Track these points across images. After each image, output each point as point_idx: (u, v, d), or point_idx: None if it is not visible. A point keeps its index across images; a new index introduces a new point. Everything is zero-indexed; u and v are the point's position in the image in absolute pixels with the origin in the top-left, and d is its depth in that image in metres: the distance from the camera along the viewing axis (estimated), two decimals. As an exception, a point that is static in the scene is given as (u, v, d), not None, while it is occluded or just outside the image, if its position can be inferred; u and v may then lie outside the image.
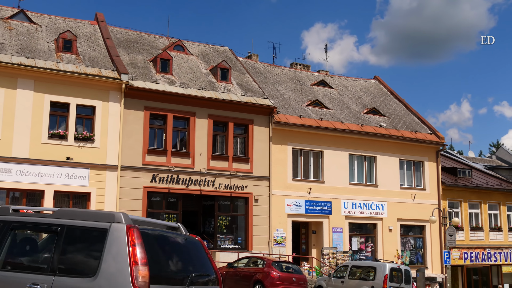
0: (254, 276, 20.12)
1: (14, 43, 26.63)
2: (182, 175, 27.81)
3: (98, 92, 26.58)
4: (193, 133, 28.45)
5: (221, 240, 28.80)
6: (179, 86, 28.91)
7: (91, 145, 26.05)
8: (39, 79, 25.44)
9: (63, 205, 25.38)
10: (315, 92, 36.33)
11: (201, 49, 35.05)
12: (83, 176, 25.62)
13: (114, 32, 32.42)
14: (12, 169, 24.34)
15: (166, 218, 27.71)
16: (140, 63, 29.97)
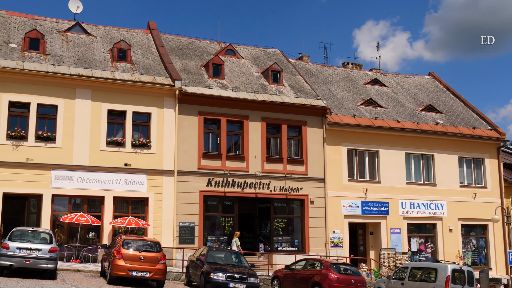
0: (312, 279, 19.98)
1: (71, 55, 27.46)
2: (237, 179, 27.97)
3: (153, 99, 27.09)
4: (247, 136, 28.59)
5: (277, 242, 28.78)
6: (231, 90, 29.12)
7: (148, 151, 26.55)
8: (96, 88, 26.14)
9: (122, 210, 25.98)
10: (368, 91, 35.87)
11: (252, 52, 35.20)
12: (141, 182, 26.14)
13: (166, 39, 32.97)
14: (73, 177, 25.08)
15: (222, 221, 27.93)
16: (193, 69, 30.36)
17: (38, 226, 23.99)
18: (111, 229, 25.45)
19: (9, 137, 24.39)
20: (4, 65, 24.70)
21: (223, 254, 20.89)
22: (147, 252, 18.77)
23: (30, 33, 26.91)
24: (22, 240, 18.38)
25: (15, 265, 17.85)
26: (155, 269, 18.56)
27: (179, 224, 26.49)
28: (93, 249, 24.67)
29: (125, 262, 18.32)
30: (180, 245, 26.07)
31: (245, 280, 18.87)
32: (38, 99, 25.10)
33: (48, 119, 25.36)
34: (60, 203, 25.25)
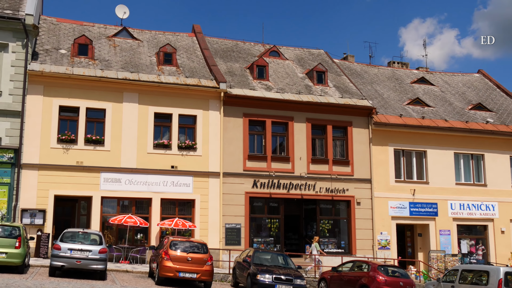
0: (359, 281, 19.75)
1: (118, 59, 27.99)
2: (283, 180, 27.94)
3: (198, 102, 27.33)
4: (292, 138, 28.53)
5: (324, 244, 28.59)
6: (276, 91, 29.12)
7: (194, 153, 26.81)
8: (143, 92, 26.56)
9: (169, 212, 26.30)
10: (415, 90, 35.27)
11: (296, 53, 35.12)
12: (187, 184, 26.41)
13: (211, 42, 33.23)
14: (122, 179, 25.54)
15: (268, 222, 27.94)
16: (237, 71, 30.50)
17: (88, 228, 24.53)
18: (158, 231, 25.80)
19: (60, 141, 25.02)
20: (54, 70, 25.37)
21: (270, 256, 20.88)
22: (194, 254, 18.93)
23: (79, 39, 27.55)
24: (73, 242, 18.80)
25: (67, 266, 18.27)
26: (202, 270, 18.70)
27: (225, 225, 26.63)
28: (141, 250, 25.04)
29: (173, 263, 18.52)
30: (227, 246, 26.20)
31: (291, 282, 18.80)
32: (87, 103, 25.67)
33: (97, 123, 25.90)
34: (109, 205, 25.74)
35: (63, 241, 18.73)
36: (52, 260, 18.34)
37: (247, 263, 19.95)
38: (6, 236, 17.98)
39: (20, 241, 17.96)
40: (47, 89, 25.19)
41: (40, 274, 18.57)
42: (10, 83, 24.64)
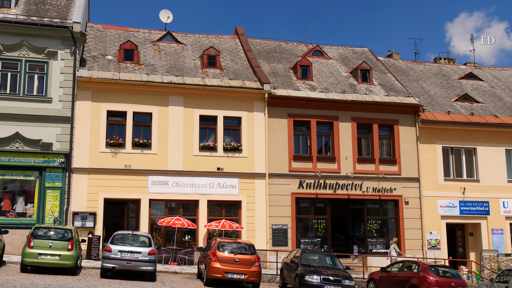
0: (409, 281, 19.42)
1: (163, 63, 28.38)
2: (329, 180, 27.76)
3: (243, 103, 27.45)
4: (337, 137, 28.33)
5: (372, 244, 28.27)
6: (320, 91, 28.98)
7: (239, 154, 26.92)
8: (188, 95, 26.84)
9: (216, 213, 26.48)
10: (463, 86, 34.50)
11: (340, 52, 34.85)
12: (233, 185, 26.54)
13: (254, 43, 33.32)
14: (169, 182, 25.87)
15: (315, 223, 27.81)
16: (281, 71, 30.48)
17: (137, 230, 24.94)
18: (206, 232, 26.00)
19: (108, 145, 25.53)
20: (102, 76, 25.91)
21: (317, 256, 20.76)
22: (242, 255, 19.00)
23: (125, 44, 28.06)
24: (123, 243, 19.13)
25: (117, 267, 18.61)
26: (250, 271, 18.76)
27: (272, 226, 26.64)
28: (189, 252, 25.30)
29: (221, 264, 18.64)
30: (274, 247, 26.21)
31: (340, 283, 18.63)
32: (133, 107, 26.12)
33: (144, 127, 26.32)
34: (157, 207, 26.10)
35: (113, 243, 19.08)
36: (103, 262, 18.71)
37: (295, 264, 19.89)
38: (59, 238, 18.45)
39: (72, 244, 18.40)
40: (95, 94, 25.75)
41: (92, 275, 18.97)
42: (59, 89, 25.31)
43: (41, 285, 14.82)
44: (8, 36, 25.27)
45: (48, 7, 27.37)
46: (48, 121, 24.90)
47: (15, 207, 24.48)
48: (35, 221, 24.06)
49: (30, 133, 24.65)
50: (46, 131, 24.82)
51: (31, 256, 17.90)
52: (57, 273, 18.19)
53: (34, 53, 25.44)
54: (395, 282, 20.33)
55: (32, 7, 27.11)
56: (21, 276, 16.65)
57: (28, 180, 24.71)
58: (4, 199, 24.43)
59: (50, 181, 24.60)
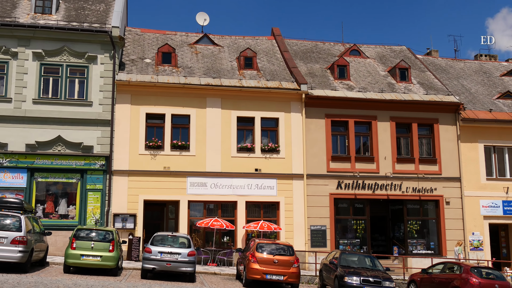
0: (451, 283, 19.06)
1: (201, 66, 28.58)
2: (368, 180, 27.49)
3: (280, 104, 27.42)
4: (375, 137, 28.03)
5: (412, 245, 27.86)
6: (358, 91, 28.73)
7: (277, 155, 26.90)
8: (225, 96, 26.96)
9: (254, 214, 26.52)
10: (505, 83, 33.69)
11: (377, 51, 34.49)
12: (271, 186, 26.53)
13: (290, 44, 33.26)
14: (207, 183, 26.04)
15: (354, 224, 27.57)
16: (318, 71, 30.34)
17: (177, 231, 25.17)
18: (244, 233, 26.07)
19: (147, 147, 25.85)
20: (140, 79, 26.26)
21: (357, 258, 20.58)
22: (281, 256, 18.98)
23: (162, 47, 28.37)
24: (163, 245, 19.33)
25: (158, 268, 18.81)
26: (289, 272, 18.72)
27: (311, 227, 26.53)
28: (228, 253, 25.40)
29: (260, 265, 18.65)
30: (312, 248, 26.10)
31: (380, 284, 18.42)
32: (172, 109, 26.38)
33: (182, 129, 26.55)
34: (196, 208, 26.29)
35: (153, 244, 19.29)
36: (143, 263, 18.94)
37: (334, 265, 19.76)
38: (100, 240, 18.76)
39: (113, 245, 18.68)
40: (134, 97, 26.11)
41: (132, 276, 19.22)
42: (99, 93, 25.77)
43: (83, 286, 15.09)
44: (50, 42, 25.86)
45: (88, 12, 27.90)
46: (88, 125, 25.38)
47: (57, 209, 25.02)
48: (77, 223, 24.54)
49: (72, 137, 25.16)
50: (87, 134, 25.30)
51: (73, 257, 18.24)
52: (99, 274, 18.49)
53: (75, 58, 25.96)
54: (436, 283, 19.99)
55: (72, 13, 27.67)
56: (64, 277, 16.98)
57: (70, 183, 25.21)
58: (47, 201, 24.99)
59: (91, 183, 25.06)
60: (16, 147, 24.77)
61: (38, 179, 24.96)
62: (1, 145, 24.68)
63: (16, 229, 17.13)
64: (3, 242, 16.79)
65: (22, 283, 14.49)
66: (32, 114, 25.05)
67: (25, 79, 25.39)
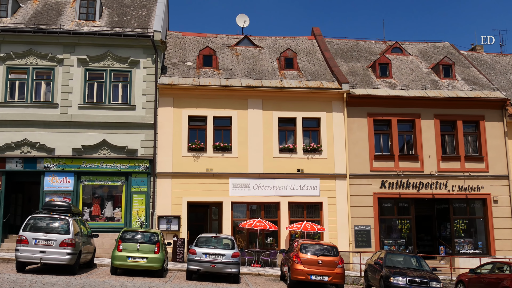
0: (501, 283, 18.55)
1: (241, 67, 28.69)
2: (412, 179, 27.08)
3: (321, 104, 27.29)
4: (419, 135, 27.59)
5: (459, 245, 27.30)
6: (400, 88, 28.33)
7: (319, 156, 26.78)
8: (266, 97, 26.99)
9: (297, 215, 26.45)
10: (554, 78, 32.69)
11: (420, 48, 33.94)
12: (314, 186, 26.41)
13: (331, 43, 33.07)
14: (250, 184, 26.10)
15: (398, 224, 27.20)
16: (359, 70, 30.07)
17: (220, 232, 25.33)
18: (287, 234, 26.03)
19: (190, 150, 26.09)
20: (182, 82, 26.54)
21: (402, 258, 20.29)
22: (325, 256, 18.87)
23: (203, 50, 28.61)
24: (207, 246, 19.46)
25: (202, 270, 18.96)
26: (333, 273, 18.59)
27: (354, 227, 26.30)
28: (272, 254, 25.41)
29: (304, 266, 18.59)
30: (357, 248, 25.86)
31: (427, 285, 18.10)
32: (214, 112, 26.56)
33: (224, 130, 26.71)
34: (239, 209, 26.39)
35: (198, 246, 19.44)
36: (188, 264, 19.12)
37: (379, 265, 19.53)
38: (146, 242, 19.03)
39: (158, 247, 18.93)
40: (176, 100, 26.41)
41: (178, 277, 19.43)
42: (142, 97, 26.15)
43: (130, 287, 15.33)
44: (94, 48, 26.40)
45: (130, 17, 28.37)
46: (132, 128, 25.79)
47: (104, 212, 25.50)
48: (123, 225, 24.97)
49: (116, 140, 25.61)
50: (131, 137, 25.72)
51: (120, 259, 18.55)
52: (145, 276, 18.76)
53: (118, 62, 26.42)
54: (485, 284, 19.50)
55: (115, 19, 28.18)
56: (111, 278, 17.30)
57: (116, 186, 25.67)
58: (93, 204, 25.51)
59: (136, 186, 25.46)
60: (63, 152, 25.37)
61: (85, 183, 25.51)
62: (49, 150, 25.33)
63: (64, 232, 17.55)
64: (52, 245, 17.23)
65: (71, 284, 14.82)
66: (77, 119, 25.63)
67: (71, 84, 26.00)
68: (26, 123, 25.42)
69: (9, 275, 16.09)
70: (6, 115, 25.42)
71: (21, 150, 25.25)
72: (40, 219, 17.80)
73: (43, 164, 25.21)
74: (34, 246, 17.16)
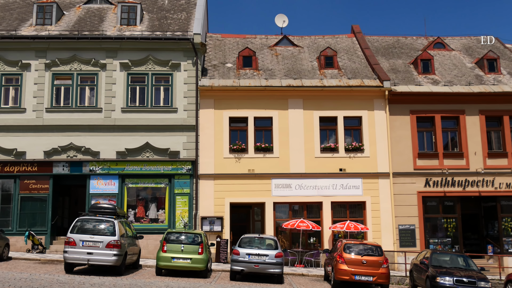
0: (553, 283, 18.08)
1: (281, 67, 28.67)
2: (457, 177, 26.53)
3: (362, 102, 27.02)
4: (464, 132, 27.02)
5: (508, 244, 26.61)
6: (444, 85, 27.82)
7: (361, 154, 26.52)
8: (306, 97, 26.90)
9: (340, 214, 26.26)
10: None
11: (463, 42, 33.25)
12: (357, 186, 26.17)
13: (371, 41, 32.72)
14: (292, 184, 26.05)
15: (444, 222, 26.69)
16: (401, 67, 29.65)
17: (263, 233, 25.35)
18: (330, 234, 25.87)
19: (232, 151, 26.21)
20: (222, 84, 26.70)
21: (449, 257, 19.90)
22: (369, 256, 18.66)
23: (243, 51, 28.71)
24: (250, 247, 19.51)
25: (246, 270, 19.01)
26: (378, 273, 18.38)
27: (399, 227, 25.94)
28: (315, 254, 25.30)
29: (348, 266, 18.42)
30: (401, 248, 25.50)
31: (474, 285, 17.71)
32: (254, 112, 26.61)
33: (265, 131, 26.73)
34: (281, 210, 26.36)
35: (241, 246, 19.51)
36: (232, 265, 19.20)
37: (425, 265, 19.20)
38: (190, 243, 19.19)
39: (202, 247, 19.07)
40: (217, 102, 26.58)
41: (221, 278, 19.54)
42: (184, 99, 26.42)
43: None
44: (135, 52, 26.82)
45: (170, 21, 28.71)
46: (174, 130, 26.08)
47: (148, 213, 25.86)
48: (167, 226, 25.27)
49: (159, 143, 25.95)
50: (173, 139, 26.01)
51: (165, 260, 18.78)
52: (189, 276, 18.93)
53: (159, 66, 26.77)
54: (536, 284, 18.97)
55: (156, 23, 28.57)
56: (157, 279, 17.52)
57: (159, 187, 25.99)
58: (138, 206, 25.90)
59: (178, 187, 25.72)
60: (107, 155, 25.85)
61: (129, 185, 25.92)
62: (94, 153, 25.84)
63: (110, 234, 17.87)
64: (98, 246, 17.57)
65: (118, 285, 15.08)
66: (121, 123, 26.08)
67: (114, 89, 26.47)
68: (72, 128, 26.02)
69: (58, 276, 16.48)
70: (52, 120, 26.07)
71: (67, 154, 25.85)
72: (87, 221, 18.18)
73: (89, 168, 25.74)
74: (82, 247, 17.54)
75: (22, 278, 15.27)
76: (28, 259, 21.85)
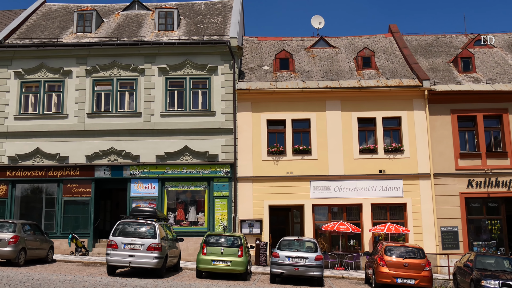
0: None
1: (318, 69, 28.53)
2: (502, 177, 25.90)
3: (401, 102, 26.66)
4: (507, 131, 26.37)
5: (556, 245, 25.83)
6: (485, 83, 27.22)
7: (401, 155, 26.16)
8: (344, 98, 26.69)
9: (380, 216, 25.93)
10: None
11: (505, 39, 32.47)
12: (397, 187, 25.82)
13: (409, 40, 32.27)
14: (331, 186, 25.87)
15: (488, 224, 26.08)
16: (440, 66, 29.15)
17: (302, 235, 25.25)
18: (371, 236, 25.58)
19: (270, 153, 26.20)
20: (260, 87, 26.72)
21: (493, 260, 19.40)
22: (411, 259, 18.38)
23: (279, 54, 28.69)
24: (290, 249, 19.45)
25: (286, 273, 18.95)
26: (420, 276, 18.07)
27: (441, 229, 25.47)
28: (355, 257, 25.05)
29: (389, 269, 18.18)
30: (444, 250, 25.03)
31: (522, 288, 17.22)
32: (292, 115, 26.56)
33: (303, 133, 26.64)
34: (320, 212, 26.20)
35: (280, 249, 19.47)
36: (272, 268, 19.17)
37: (469, 268, 18.78)
38: (229, 245, 19.24)
39: (242, 250, 19.09)
40: (254, 105, 26.62)
41: (261, 281, 19.52)
42: (221, 103, 26.55)
43: (216, 290, 15.55)
44: (173, 57, 27.10)
45: (207, 25, 28.92)
46: (213, 134, 26.23)
47: (187, 216, 26.06)
48: (206, 229, 25.41)
49: (198, 146, 26.13)
50: (211, 143, 26.16)
51: (205, 262, 18.88)
52: (229, 279, 18.97)
53: (197, 70, 26.97)
54: None
55: (193, 28, 28.81)
56: (197, 282, 17.62)
57: (198, 191, 26.17)
58: (177, 209, 26.13)
59: (218, 190, 25.85)
60: (147, 159, 26.16)
61: (169, 188, 26.18)
62: (134, 157, 26.20)
63: (151, 236, 18.07)
64: (140, 249, 17.78)
65: (159, 287, 15.22)
66: (160, 127, 26.37)
67: (153, 93, 26.78)
68: (112, 132, 26.44)
69: (101, 278, 16.74)
70: (93, 125, 26.54)
71: (108, 158, 26.27)
72: (128, 224, 18.42)
73: (129, 171, 26.11)
74: (123, 250, 17.78)
75: (66, 280, 15.56)
76: (71, 262, 22.28)
